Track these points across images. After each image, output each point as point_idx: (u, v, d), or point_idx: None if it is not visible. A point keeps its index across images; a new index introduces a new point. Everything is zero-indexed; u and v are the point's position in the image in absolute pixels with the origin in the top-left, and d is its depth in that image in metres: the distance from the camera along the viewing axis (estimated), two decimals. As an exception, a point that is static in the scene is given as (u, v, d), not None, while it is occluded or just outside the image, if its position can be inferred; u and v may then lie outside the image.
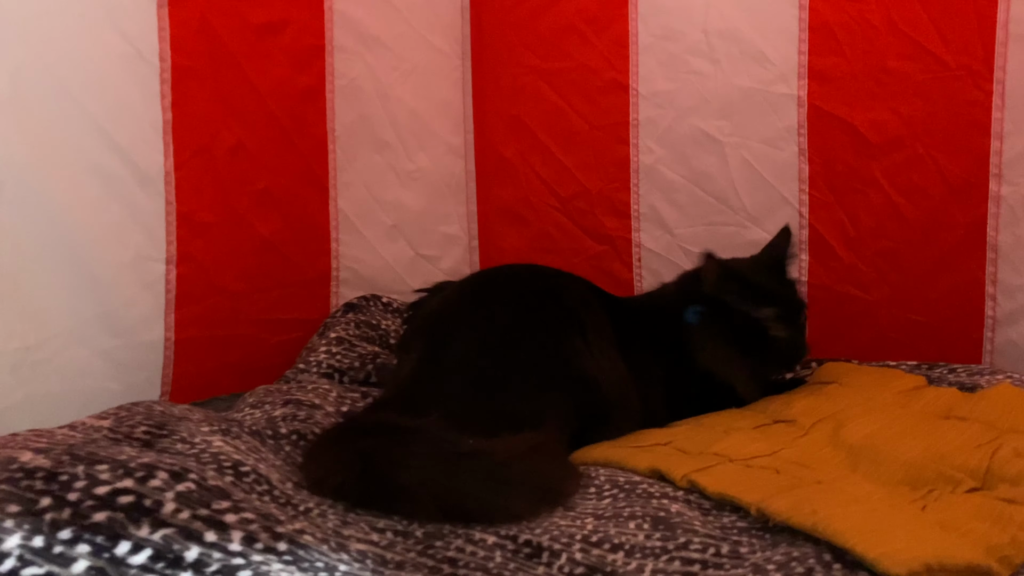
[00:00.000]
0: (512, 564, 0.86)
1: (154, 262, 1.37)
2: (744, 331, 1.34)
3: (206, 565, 0.76)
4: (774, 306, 1.35)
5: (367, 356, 1.49)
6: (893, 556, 0.77)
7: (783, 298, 1.38)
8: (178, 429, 1.01)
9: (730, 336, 1.34)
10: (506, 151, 1.82)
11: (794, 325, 1.37)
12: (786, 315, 1.35)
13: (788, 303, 1.38)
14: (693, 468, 1.06)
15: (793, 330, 1.36)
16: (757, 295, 1.35)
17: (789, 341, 1.35)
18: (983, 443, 1.06)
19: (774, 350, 1.35)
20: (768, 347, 1.34)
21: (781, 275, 1.42)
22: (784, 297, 1.39)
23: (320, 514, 0.93)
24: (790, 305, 1.38)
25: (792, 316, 1.37)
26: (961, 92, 1.47)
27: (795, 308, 1.39)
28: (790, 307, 1.38)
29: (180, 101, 1.37)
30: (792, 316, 1.37)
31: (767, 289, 1.36)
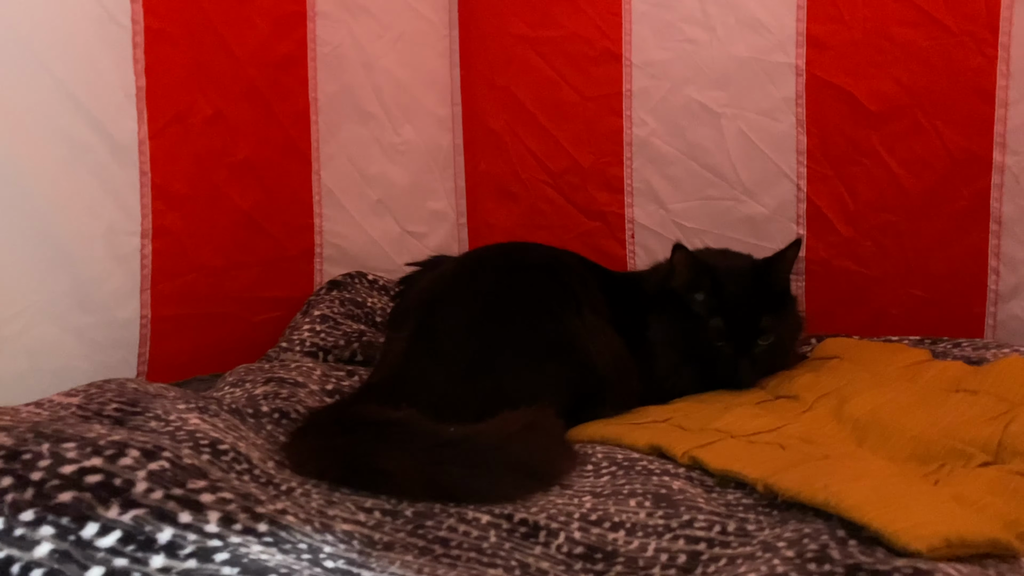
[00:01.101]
0: (507, 544, 0.81)
1: (128, 235, 1.31)
2: (692, 336, 1.25)
3: (180, 547, 0.71)
4: (724, 319, 1.23)
5: (352, 334, 1.44)
6: (912, 531, 0.72)
7: (745, 316, 1.24)
8: (152, 407, 0.96)
9: (679, 337, 1.26)
10: (495, 124, 1.76)
11: (744, 346, 1.24)
12: (739, 333, 1.23)
13: (748, 322, 1.23)
14: (694, 444, 1.02)
15: (738, 351, 1.23)
16: (713, 305, 1.24)
17: (728, 362, 1.23)
18: (994, 416, 1.02)
19: (714, 364, 1.24)
20: (711, 359, 1.24)
21: (762, 289, 1.27)
22: (748, 315, 1.24)
23: (304, 494, 0.88)
24: (749, 326, 1.24)
25: (745, 336, 1.24)
26: (964, 58, 1.43)
27: (752, 330, 1.24)
28: (748, 328, 1.24)
29: (154, 66, 1.31)
30: (745, 336, 1.24)
31: (730, 302, 1.24)
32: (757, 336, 1.25)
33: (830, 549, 0.72)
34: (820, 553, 0.72)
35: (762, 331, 1.25)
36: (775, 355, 1.28)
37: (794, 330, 1.34)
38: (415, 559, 0.77)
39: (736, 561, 0.77)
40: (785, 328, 1.30)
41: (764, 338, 1.25)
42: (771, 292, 1.28)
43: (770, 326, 1.25)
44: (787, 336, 1.32)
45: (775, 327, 1.26)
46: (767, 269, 1.30)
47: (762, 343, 1.25)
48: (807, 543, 0.74)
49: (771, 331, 1.25)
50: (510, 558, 0.79)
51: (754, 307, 1.25)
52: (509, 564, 0.78)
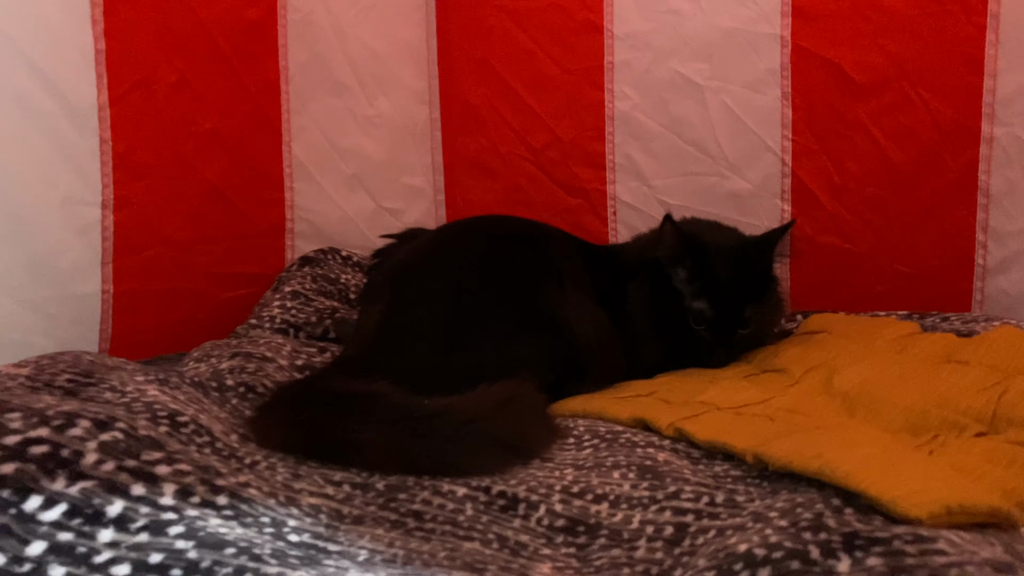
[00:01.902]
0: (485, 517, 0.77)
1: (88, 206, 1.25)
2: (670, 313, 1.20)
3: (131, 521, 0.66)
4: (708, 303, 1.18)
5: (325, 311, 1.39)
6: (910, 498, 0.69)
7: (729, 304, 1.19)
8: (108, 378, 0.90)
9: (656, 311, 1.21)
10: (473, 97, 1.71)
11: (725, 335, 1.19)
12: (720, 321, 1.18)
13: (731, 310, 1.19)
14: (680, 416, 0.98)
15: (718, 339, 1.18)
16: (698, 286, 1.19)
17: (705, 346, 1.19)
18: (987, 386, 0.99)
19: (689, 344, 1.19)
20: (687, 338, 1.19)
21: (749, 273, 1.22)
22: (729, 294, 1.19)
23: (268, 467, 0.83)
24: (732, 315, 1.19)
25: (727, 325, 1.19)
26: (953, 27, 1.39)
27: (735, 319, 1.19)
28: (731, 317, 1.19)
29: (114, 29, 1.25)
30: (727, 325, 1.19)
31: (716, 287, 1.19)
32: (739, 326, 1.20)
33: (825, 518, 0.68)
34: (815, 522, 0.68)
35: (744, 321, 1.20)
36: (753, 341, 1.24)
37: (774, 314, 1.30)
38: (386, 533, 0.73)
39: (726, 532, 0.73)
40: (766, 315, 1.25)
41: (745, 328, 1.21)
42: (758, 276, 1.23)
43: (753, 316, 1.20)
44: (767, 322, 1.27)
45: (757, 317, 1.21)
46: (757, 250, 1.24)
47: (742, 332, 1.21)
48: (801, 512, 0.70)
49: (753, 321, 1.21)
50: (487, 531, 0.75)
51: (739, 294, 1.20)
52: (486, 537, 0.74)
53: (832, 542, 0.64)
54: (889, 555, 0.61)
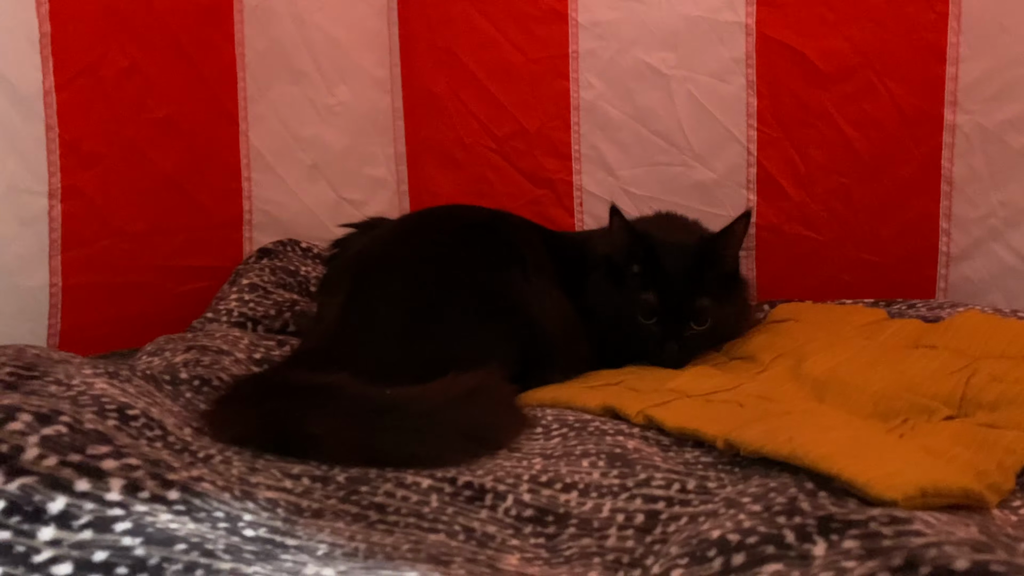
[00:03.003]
0: (451, 509, 0.74)
1: (34, 195, 1.20)
2: (622, 307, 1.16)
3: (74, 518, 0.62)
4: (656, 295, 1.14)
5: (284, 304, 1.35)
6: (885, 480, 0.68)
7: (678, 295, 1.14)
8: (53, 371, 0.86)
9: (610, 306, 1.17)
10: (436, 86, 1.68)
11: (674, 329, 1.13)
12: (669, 314, 1.14)
13: (681, 302, 1.14)
14: (649, 404, 0.96)
15: (666, 333, 1.13)
16: (647, 279, 1.15)
17: (654, 341, 1.14)
18: (955, 370, 0.99)
19: (641, 340, 1.15)
20: (640, 334, 1.15)
21: (704, 267, 1.17)
22: (679, 287, 1.14)
23: (224, 461, 0.80)
24: (682, 307, 1.14)
25: (676, 318, 1.14)
26: (915, 14, 1.40)
27: (685, 312, 1.14)
28: (680, 309, 1.14)
29: (60, 11, 1.20)
30: (676, 318, 1.14)
31: (665, 279, 1.14)
32: (690, 319, 1.14)
33: (799, 501, 0.67)
34: (789, 506, 0.66)
35: (697, 314, 1.14)
36: (710, 339, 1.17)
37: (740, 316, 1.24)
38: (347, 526, 0.70)
39: (698, 519, 0.71)
40: (727, 315, 1.18)
41: (699, 322, 1.14)
42: (714, 272, 1.17)
43: (707, 311, 1.14)
44: (729, 323, 1.20)
45: (714, 313, 1.15)
46: (712, 246, 1.19)
47: (696, 328, 1.14)
48: (774, 497, 0.69)
49: (707, 316, 1.14)
50: (453, 522, 0.72)
51: (691, 287, 1.14)
52: (452, 529, 0.71)
53: (807, 526, 0.63)
54: (865, 537, 0.59)
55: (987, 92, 1.36)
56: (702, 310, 1.15)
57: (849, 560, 0.57)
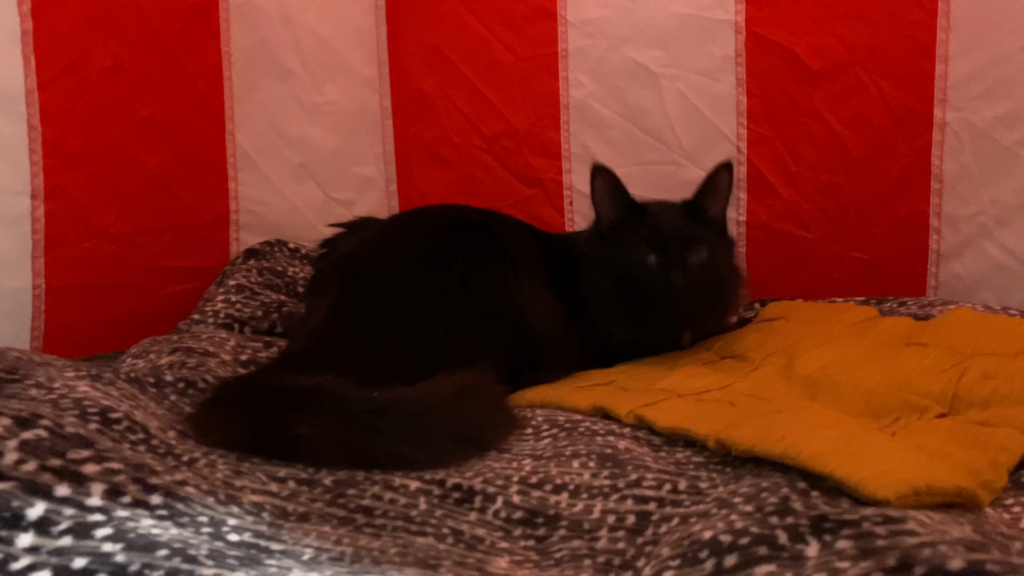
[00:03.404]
0: (439, 511, 0.73)
1: (16, 195, 1.18)
2: (620, 266, 1.14)
3: (53, 524, 0.61)
4: (649, 233, 1.14)
5: (271, 305, 1.33)
6: (877, 479, 0.67)
7: (672, 226, 1.15)
8: (34, 374, 0.85)
9: (608, 275, 1.16)
10: (425, 85, 1.67)
11: (674, 257, 1.12)
12: (666, 243, 1.13)
13: (675, 231, 1.14)
14: (640, 403, 0.95)
15: (668, 263, 1.11)
16: (639, 229, 1.14)
17: (658, 277, 1.11)
18: (946, 368, 0.99)
19: (645, 289, 1.12)
20: (643, 285, 1.12)
21: (692, 212, 1.18)
22: (675, 225, 1.15)
23: (208, 464, 0.78)
24: (677, 234, 1.14)
25: (674, 244, 1.12)
26: (905, 12, 1.39)
27: (682, 238, 1.13)
28: (676, 236, 1.13)
29: (42, 9, 1.18)
30: (674, 244, 1.12)
31: (655, 219, 1.16)
32: (689, 244, 1.12)
33: (792, 501, 0.66)
34: (781, 506, 0.65)
35: (693, 240, 1.13)
36: (712, 282, 1.15)
37: (733, 269, 1.23)
38: (333, 530, 0.69)
39: (690, 520, 0.70)
40: (723, 260, 1.18)
41: (696, 250, 1.12)
42: (704, 218, 1.18)
43: (702, 237, 1.13)
44: (726, 270, 1.19)
45: (709, 241, 1.14)
46: (696, 198, 1.21)
47: (694, 257, 1.12)
48: (766, 497, 0.68)
49: (704, 243, 1.13)
50: (442, 525, 0.71)
51: (683, 221, 1.16)
52: (441, 532, 0.70)
53: (800, 526, 0.62)
54: (859, 537, 0.59)
55: (977, 89, 1.36)
56: (696, 236, 1.14)
57: (843, 561, 0.56)
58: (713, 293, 1.17)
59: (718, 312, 1.21)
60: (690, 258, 1.13)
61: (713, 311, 1.20)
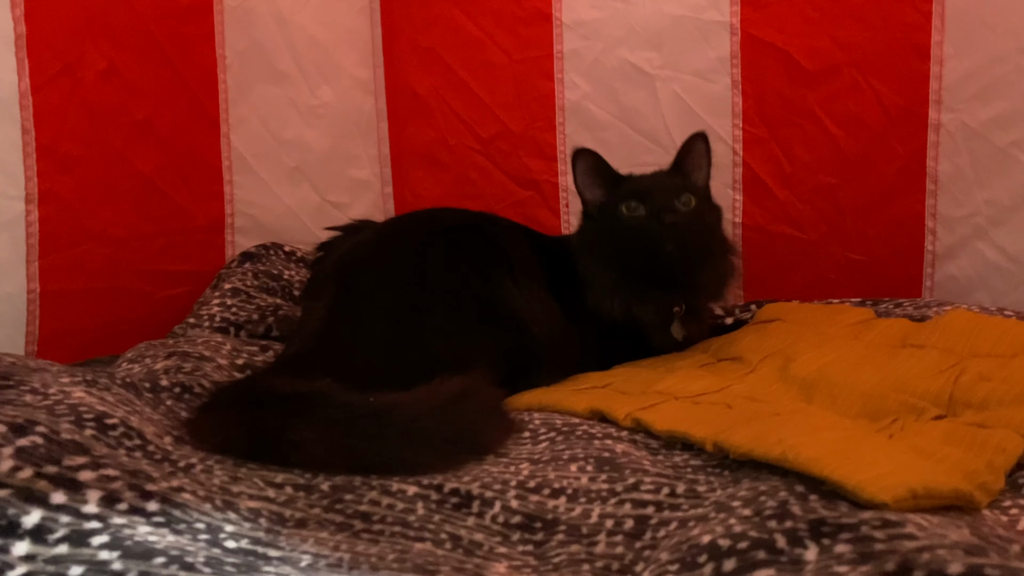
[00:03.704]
0: (437, 516, 0.73)
1: (10, 199, 1.18)
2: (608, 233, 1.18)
3: (49, 531, 0.60)
4: (633, 191, 1.18)
5: (267, 308, 1.33)
6: (876, 482, 0.67)
7: (655, 183, 1.20)
8: (29, 380, 0.84)
9: (599, 248, 1.19)
10: (420, 87, 1.67)
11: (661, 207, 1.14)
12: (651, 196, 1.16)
13: (659, 185, 1.18)
14: (637, 406, 0.95)
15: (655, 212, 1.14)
16: (623, 191, 1.18)
17: (647, 226, 1.14)
18: (943, 369, 0.99)
19: (635, 247, 1.15)
20: (632, 243, 1.15)
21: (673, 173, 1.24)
22: (658, 182, 1.20)
23: (205, 470, 0.78)
24: (661, 187, 1.18)
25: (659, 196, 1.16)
26: (899, 14, 1.40)
27: (666, 190, 1.16)
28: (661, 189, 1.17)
29: (36, 11, 1.18)
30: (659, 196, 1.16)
31: (638, 180, 1.21)
32: (674, 193, 1.16)
33: (790, 505, 0.66)
34: (780, 510, 0.65)
35: (679, 189, 1.16)
36: (703, 234, 1.18)
37: (723, 237, 1.26)
38: (331, 536, 0.68)
39: (688, 524, 0.70)
40: (711, 219, 1.21)
41: (683, 199, 1.16)
42: (688, 181, 1.22)
43: (686, 188, 1.17)
44: (714, 223, 1.23)
45: (693, 192, 1.17)
46: (675, 162, 1.26)
47: (681, 206, 1.15)
48: (764, 500, 0.68)
49: (689, 192, 1.17)
50: (440, 531, 0.71)
51: (667, 179, 1.21)
52: (439, 537, 0.70)
53: (798, 530, 0.62)
54: (857, 541, 0.59)
55: (971, 90, 1.36)
56: (679, 187, 1.17)
57: (842, 565, 0.56)
58: (702, 246, 1.18)
59: (711, 276, 1.21)
60: (678, 204, 1.16)
61: (705, 273, 1.20)
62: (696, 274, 1.19)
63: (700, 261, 1.18)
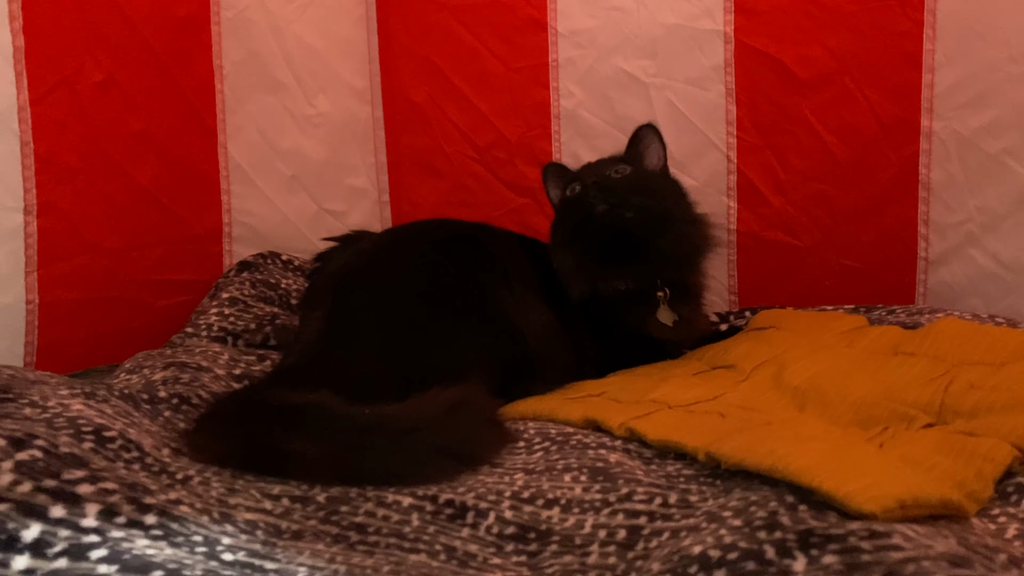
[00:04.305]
0: (432, 527, 0.74)
1: (9, 211, 1.19)
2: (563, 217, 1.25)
3: (49, 545, 0.61)
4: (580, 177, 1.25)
5: (264, 317, 1.34)
6: (864, 492, 0.68)
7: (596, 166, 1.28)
8: (28, 392, 0.85)
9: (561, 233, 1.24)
10: (416, 96, 1.68)
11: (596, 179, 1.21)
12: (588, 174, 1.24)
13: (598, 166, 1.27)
14: (631, 416, 0.96)
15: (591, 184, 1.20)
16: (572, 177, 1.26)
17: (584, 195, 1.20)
18: (934, 377, 1.00)
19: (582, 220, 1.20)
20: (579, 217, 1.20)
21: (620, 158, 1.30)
22: (599, 164, 1.28)
23: (202, 482, 0.79)
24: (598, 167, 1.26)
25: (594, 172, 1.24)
26: (891, 22, 1.41)
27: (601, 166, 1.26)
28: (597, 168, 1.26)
29: (33, 24, 1.19)
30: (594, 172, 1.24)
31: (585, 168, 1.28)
32: (605, 166, 1.23)
33: (780, 516, 0.67)
34: (769, 520, 0.66)
35: (609, 163, 1.24)
36: (646, 192, 1.20)
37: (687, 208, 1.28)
38: (327, 548, 0.69)
39: (680, 534, 0.71)
40: (657, 180, 1.27)
41: (617, 169, 1.22)
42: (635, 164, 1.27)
43: (621, 160, 1.24)
44: (664, 189, 1.26)
45: (632, 165, 1.24)
46: (626, 148, 1.32)
47: (615, 174, 1.21)
48: (754, 511, 0.69)
49: (625, 163, 1.23)
50: (435, 542, 0.72)
51: (605, 160, 1.28)
52: (433, 549, 0.71)
53: (787, 541, 0.63)
54: (845, 552, 0.60)
55: (963, 99, 1.38)
56: (616, 160, 1.26)
57: (829, 576, 0.57)
58: (655, 214, 1.19)
59: (679, 246, 1.22)
60: (608, 174, 1.22)
61: (670, 241, 1.21)
62: (657, 243, 1.19)
63: (657, 228, 1.19)
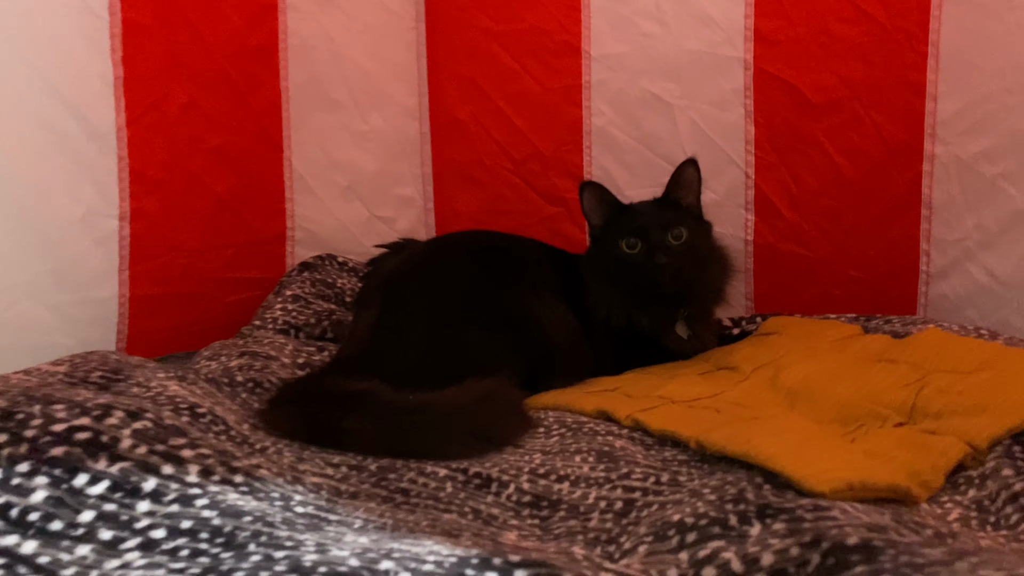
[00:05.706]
0: (462, 494, 0.90)
1: (106, 218, 1.37)
2: (612, 260, 1.33)
3: (163, 495, 0.78)
4: (634, 228, 1.32)
5: (323, 313, 1.51)
6: (818, 476, 0.82)
7: (651, 220, 1.33)
8: (134, 375, 1.03)
9: (604, 269, 1.34)
10: (460, 113, 1.83)
11: (656, 243, 1.29)
12: (647, 233, 1.30)
13: (654, 222, 1.32)
14: (638, 408, 1.11)
15: (650, 249, 1.29)
16: (624, 225, 1.33)
17: (644, 260, 1.29)
18: (910, 382, 1.12)
19: (636, 276, 1.30)
20: (633, 272, 1.31)
21: (668, 204, 1.37)
22: (654, 218, 1.33)
23: (276, 452, 0.96)
24: (656, 224, 1.31)
25: (654, 233, 1.30)
26: (898, 54, 1.52)
27: (660, 225, 1.31)
28: (655, 225, 1.31)
29: (131, 56, 1.37)
30: (654, 233, 1.30)
31: (637, 216, 1.34)
32: (666, 230, 1.30)
33: (746, 492, 0.81)
34: (737, 496, 0.81)
35: (669, 224, 1.31)
36: (694, 259, 1.32)
37: (714, 248, 1.41)
38: (378, 506, 0.86)
39: (666, 506, 0.86)
40: (701, 237, 1.36)
41: (675, 233, 1.31)
42: (678, 207, 1.37)
43: (678, 221, 1.31)
44: (705, 244, 1.37)
45: (686, 225, 1.32)
46: (667, 189, 1.40)
47: (673, 240, 1.30)
48: (728, 488, 0.83)
49: (680, 225, 1.31)
50: (464, 505, 0.87)
51: (660, 214, 1.34)
52: (463, 510, 0.86)
53: (748, 512, 0.77)
54: (791, 520, 0.74)
55: (962, 125, 1.48)
56: (672, 221, 1.32)
57: (775, 538, 0.72)
58: (696, 270, 1.33)
59: (707, 288, 1.38)
60: (668, 240, 1.31)
61: (701, 287, 1.36)
62: (692, 292, 1.35)
63: (695, 282, 1.34)
